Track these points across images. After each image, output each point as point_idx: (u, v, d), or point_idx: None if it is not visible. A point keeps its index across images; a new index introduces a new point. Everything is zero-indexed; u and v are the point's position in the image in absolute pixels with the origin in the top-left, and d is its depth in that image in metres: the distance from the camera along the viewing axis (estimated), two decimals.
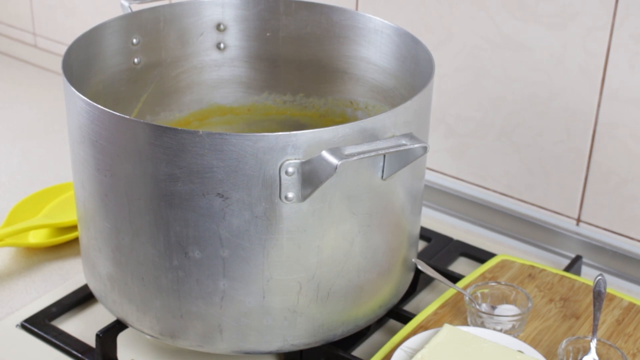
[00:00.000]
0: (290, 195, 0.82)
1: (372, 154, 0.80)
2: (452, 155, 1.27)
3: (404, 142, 0.82)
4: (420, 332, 0.96)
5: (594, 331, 0.92)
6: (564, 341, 0.92)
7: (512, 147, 1.21)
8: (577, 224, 1.20)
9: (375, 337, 1.03)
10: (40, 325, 1.02)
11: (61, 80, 0.92)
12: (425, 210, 1.28)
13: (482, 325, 0.96)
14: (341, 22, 1.09)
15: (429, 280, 1.11)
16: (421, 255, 1.15)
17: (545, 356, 0.93)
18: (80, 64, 0.98)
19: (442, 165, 1.29)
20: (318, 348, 0.94)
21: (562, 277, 1.07)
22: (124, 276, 0.91)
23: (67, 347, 0.98)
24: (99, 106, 0.84)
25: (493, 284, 1.00)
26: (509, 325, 0.95)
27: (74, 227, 1.18)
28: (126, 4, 1.05)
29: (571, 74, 1.13)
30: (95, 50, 1.01)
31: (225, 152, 0.80)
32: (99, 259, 0.93)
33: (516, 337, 0.95)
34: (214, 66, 1.14)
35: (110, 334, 0.96)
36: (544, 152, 1.19)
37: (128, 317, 0.94)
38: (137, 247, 0.88)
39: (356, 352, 1.00)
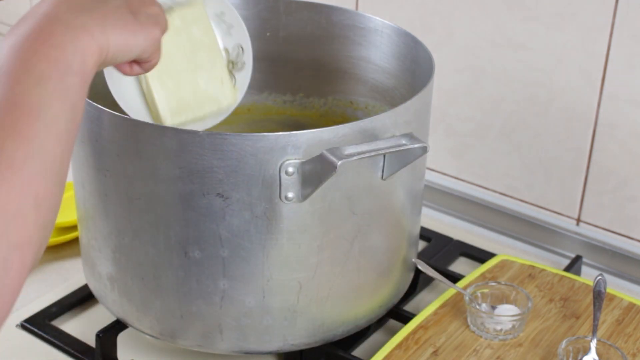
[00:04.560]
0: (290, 195, 0.82)
1: (372, 154, 0.80)
2: (452, 155, 1.27)
3: (404, 142, 0.82)
4: (420, 332, 0.96)
5: (594, 331, 0.92)
6: (564, 341, 0.91)
7: (512, 147, 1.21)
8: (577, 224, 1.20)
9: (375, 337, 1.03)
10: (40, 325, 1.02)
11: None
12: (425, 210, 1.28)
13: (482, 325, 0.96)
14: (341, 22, 1.09)
15: (429, 280, 1.11)
16: (421, 255, 1.15)
17: (545, 356, 0.93)
18: None
19: (442, 165, 1.29)
20: (318, 348, 0.94)
21: (562, 277, 1.07)
22: (124, 276, 0.91)
23: (67, 347, 0.98)
24: (99, 106, 0.84)
25: (493, 284, 1.00)
26: (509, 325, 0.95)
27: (74, 227, 1.18)
28: None
29: (571, 74, 1.13)
30: None
31: (225, 152, 0.80)
32: (99, 259, 0.93)
33: (516, 337, 0.96)
34: None
35: (110, 334, 0.96)
36: (544, 152, 1.19)
37: (128, 317, 0.93)
38: (137, 247, 0.88)
39: (356, 352, 1.00)
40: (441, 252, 1.18)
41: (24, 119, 0.57)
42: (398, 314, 1.02)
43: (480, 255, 1.17)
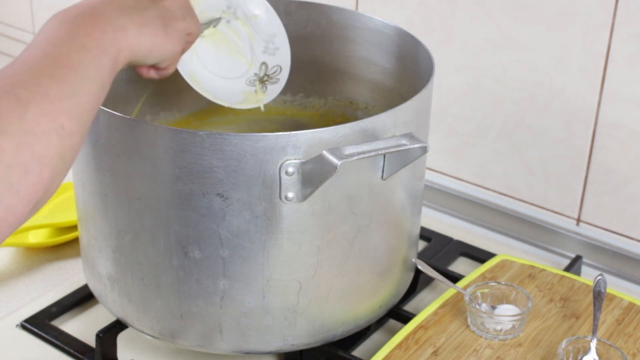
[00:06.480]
0: (290, 195, 0.82)
1: (372, 154, 0.80)
2: (452, 155, 1.27)
3: (404, 142, 0.82)
4: (420, 332, 0.96)
5: (594, 331, 0.92)
6: (564, 341, 0.92)
7: (512, 147, 1.21)
8: (577, 224, 1.20)
9: (375, 337, 1.03)
10: (40, 325, 1.02)
11: None
12: (425, 210, 1.28)
13: (482, 325, 0.96)
14: (341, 22, 1.09)
15: (429, 280, 1.11)
16: (421, 255, 1.15)
17: (545, 356, 0.93)
18: None
19: (442, 165, 1.29)
20: (318, 348, 0.94)
21: (562, 277, 1.07)
22: (124, 276, 0.91)
23: (67, 347, 0.98)
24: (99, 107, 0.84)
25: (493, 284, 1.00)
26: (509, 325, 0.95)
27: (74, 227, 1.18)
28: None
29: (571, 74, 1.13)
30: None
31: (225, 152, 0.80)
32: (99, 259, 0.93)
33: (516, 337, 0.96)
34: None
35: (110, 334, 0.96)
36: (544, 152, 1.19)
37: (128, 317, 0.94)
38: (137, 247, 0.88)
39: (356, 352, 1.00)
40: (441, 252, 1.18)
41: (63, 69, 0.65)
42: (398, 314, 1.02)
43: (480, 255, 1.17)
